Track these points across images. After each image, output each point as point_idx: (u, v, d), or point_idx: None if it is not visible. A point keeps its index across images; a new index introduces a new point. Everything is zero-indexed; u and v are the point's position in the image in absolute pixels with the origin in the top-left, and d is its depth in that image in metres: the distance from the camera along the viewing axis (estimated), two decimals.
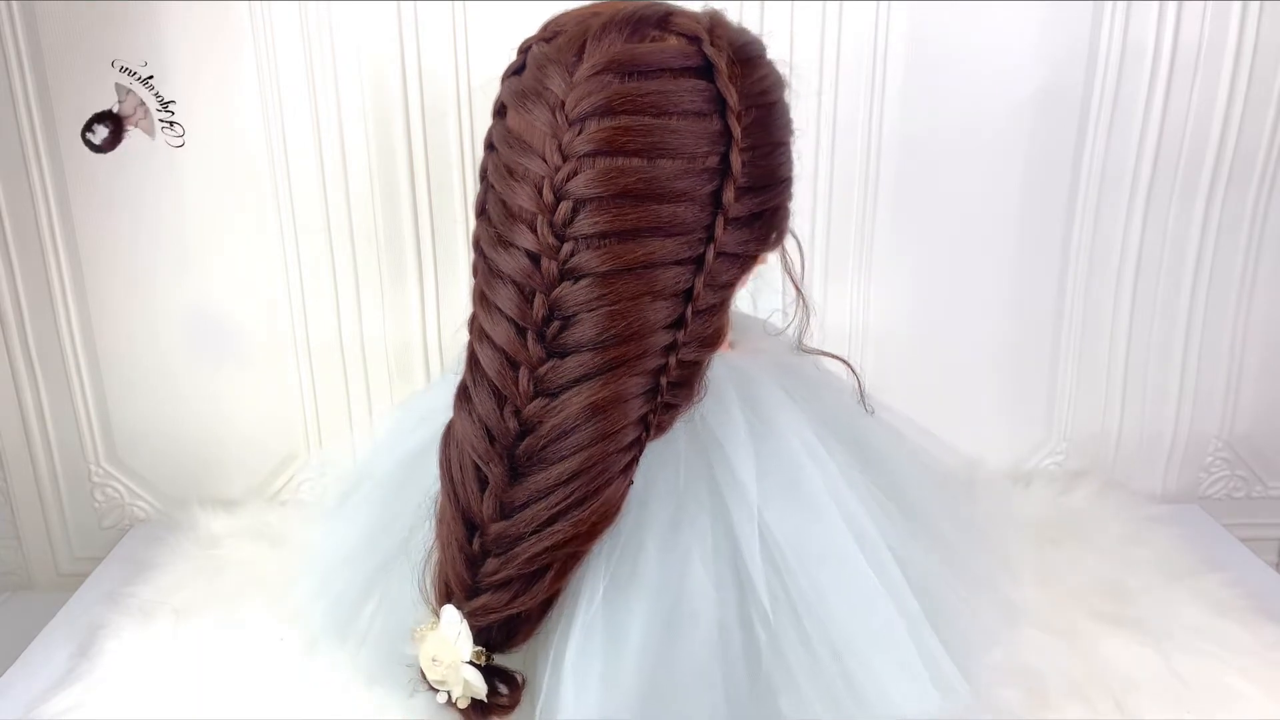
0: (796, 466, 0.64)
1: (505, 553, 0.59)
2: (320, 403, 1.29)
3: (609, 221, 0.58)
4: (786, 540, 0.61)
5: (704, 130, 0.59)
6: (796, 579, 0.60)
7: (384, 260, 1.23)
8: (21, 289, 1.23)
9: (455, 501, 0.62)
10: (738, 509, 0.62)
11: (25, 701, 0.95)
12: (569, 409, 0.59)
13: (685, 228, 0.60)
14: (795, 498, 0.63)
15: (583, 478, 0.59)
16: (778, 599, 0.60)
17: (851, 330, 1.29)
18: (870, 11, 1.15)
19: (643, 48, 0.60)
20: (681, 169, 0.59)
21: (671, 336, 0.61)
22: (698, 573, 0.61)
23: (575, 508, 0.59)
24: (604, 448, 0.59)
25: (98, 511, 1.34)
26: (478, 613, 0.60)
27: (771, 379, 0.69)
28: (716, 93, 0.59)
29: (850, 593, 0.61)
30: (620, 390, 0.59)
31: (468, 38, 1.15)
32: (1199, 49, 1.17)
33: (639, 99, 0.58)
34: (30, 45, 1.13)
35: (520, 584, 0.60)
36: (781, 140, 0.65)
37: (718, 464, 0.64)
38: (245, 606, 1.06)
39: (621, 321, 0.59)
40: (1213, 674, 0.92)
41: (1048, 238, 1.26)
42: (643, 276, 0.59)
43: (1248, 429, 1.35)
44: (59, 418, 1.29)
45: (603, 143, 0.58)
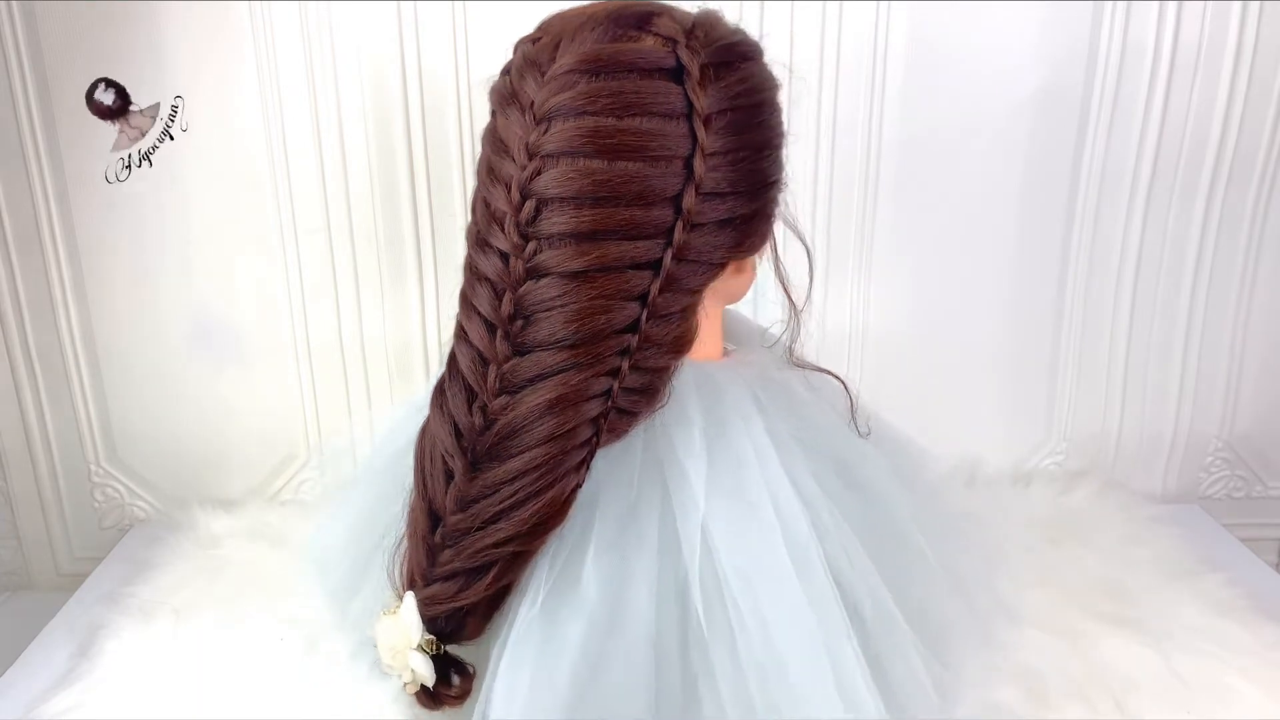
0: (746, 481, 0.62)
1: (455, 545, 0.60)
2: (320, 403, 1.29)
3: (569, 222, 0.58)
4: (725, 549, 0.60)
5: (672, 133, 0.59)
6: (732, 591, 0.59)
7: (384, 260, 1.23)
8: (21, 289, 1.23)
9: (423, 493, 0.63)
10: (684, 519, 0.61)
11: (25, 701, 0.95)
12: (521, 407, 0.59)
13: (646, 231, 0.59)
14: (740, 511, 0.61)
15: (528, 476, 0.59)
16: (713, 610, 0.60)
17: (851, 330, 1.29)
18: (870, 11, 1.15)
19: (612, 47, 0.59)
20: (643, 172, 0.58)
21: (628, 340, 0.60)
22: (639, 581, 0.60)
23: (518, 506, 0.59)
24: (551, 448, 0.59)
25: (98, 511, 1.34)
26: (428, 601, 0.61)
27: (746, 392, 0.67)
28: (682, 95, 0.59)
29: (779, 608, 0.59)
30: (572, 391, 0.59)
31: (468, 38, 1.15)
32: (1199, 49, 1.17)
33: (603, 99, 0.58)
34: (30, 45, 1.13)
35: (466, 577, 0.61)
36: (761, 146, 0.63)
37: (670, 472, 0.63)
38: (245, 606, 1.06)
39: (576, 322, 0.59)
40: (1213, 674, 0.92)
41: (1048, 238, 1.26)
42: (601, 278, 0.59)
43: (1248, 429, 1.35)
44: (59, 418, 1.29)
45: (565, 143, 0.58)
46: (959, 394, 1.32)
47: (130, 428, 1.30)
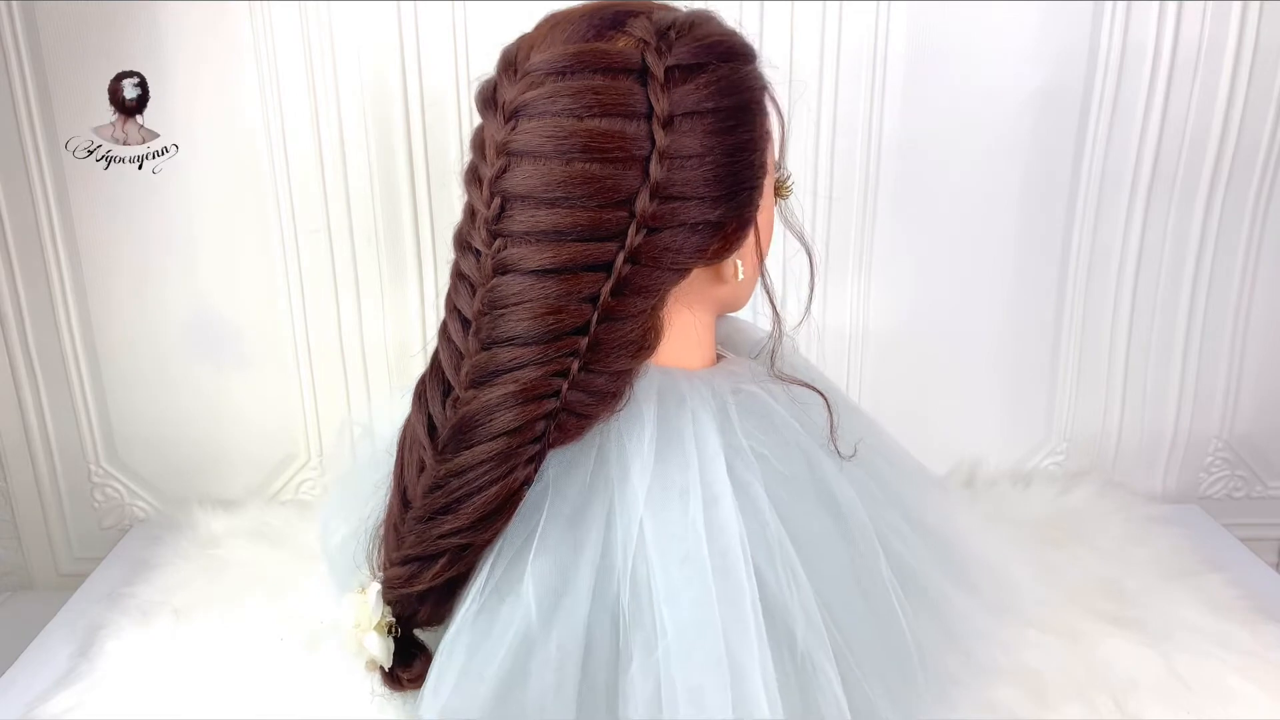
0: (685, 489, 0.62)
1: (412, 532, 0.62)
2: (320, 403, 1.29)
3: (529, 220, 0.59)
4: (655, 559, 0.60)
5: (632, 134, 0.59)
6: (656, 601, 0.59)
7: (384, 260, 1.23)
8: (21, 289, 1.23)
9: (399, 481, 0.65)
10: (624, 527, 0.61)
11: (25, 701, 0.95)
12: (476, 403, 0.60)
13: (602, 233, 0.59)
14: (675, 522, 0.61)
15: (478, 469, 0.60)
16: (640, 618, 0.60)
17: (851, 330, 1.29)
18: (870, 11, 1.15)
19: (579, 47, 0.59)
20: (601, 173, 0.58)
21: (577, 342, 0.60)
22: (578, 585, 0.60)
23: (467, 499, 0.60)
24: (501, 443, 0.60)
25: (98, 511, 1.34)
26: (387, 584, 0.63)
27: (711, 402, 0.66)
28: (644, 97, 0.59)
29: (692, 621, 0.59)
30: (526, 387, 0.60)
31: (468, 38, 1.15)
32: (1199, 49, 1.17)
33: (563, 99, 0.58)
34: (30, 45, 1.13)
35: (419, 564, 0.62)
36: (734, 150, 0.62)
37: (618, 477, 0.63)
38: (245, 606, 1.06)
39: (531, 320, 0.59)
40: (1213, 674, 0.92)
41: (1048, 237, 1.26)
42: (557, 278, 0.59)
43: (1248, 429, 1.35)
44: (59, 418, 1.29)
45: (528, 141, 0.59)
46: (959, 394, 1.32)
47: (130, 428, 1.30)
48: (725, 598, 0.59)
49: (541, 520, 0.62)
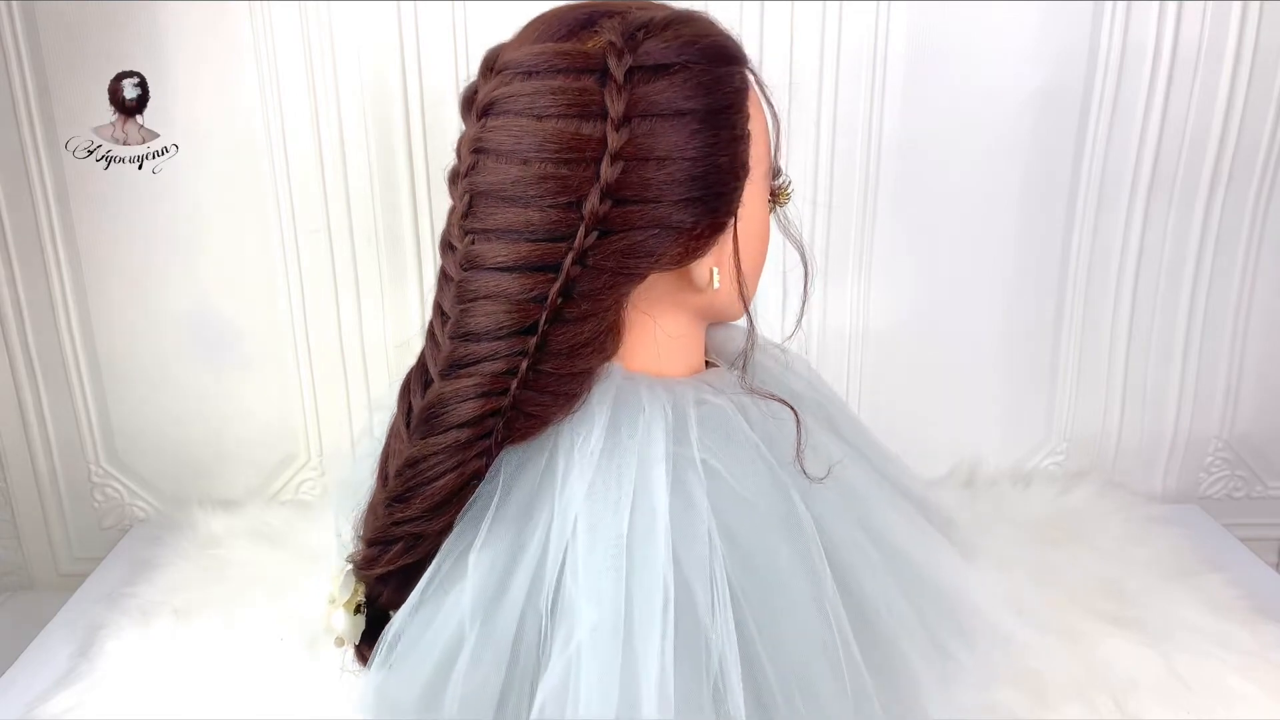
0: (618, 496, 0.61)
1: (376, 517, 0.64)
2: (320, 403, 1.29)
3: (490, 218, 0.60)
4: (584, 571, 0.60)
5: (590, 135, 0.58)
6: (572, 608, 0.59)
7: (384, 260, 1.23)
8: (21, 289, 1.23)
9: (381, 468, 0.66)
10: (558, 533, 0.61)
11: (26, 701, 0.95)
12: (430, 396, 0.62)
13: (555, 233, 0.59)
14: (601, 525, 0.61)
15: (430, 460, 0.62)
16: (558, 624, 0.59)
17: (851, 330, 1.29)
18: (870, 11, 1.15)
19: (541, 48, 0.60)
20: (556, 173, 0.58)
21: (526, 341, 0.61)
22: (514, 585, 0.61)
23: (417, 489, 0.62)
24: (449, 437, 0.61)
25: (98, 511, 1.34)
26: (357, 564, 0.65)
27: (668, 411, 0.65)
28: (602, 98, 0.58)
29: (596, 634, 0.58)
30: (480, 382, 0.61)
31: (468, 38, 1.15)
32: (1199, 49, 1.17)
33: (523, 99, 0.59)
34: (30, 45, 1.13)
35: (378, 549, 0.64)
36: (699, 154, 0.60)
37: (561, 480, 0.63)
38: (245, 606, 1.06)
39: (486, 316, 0.60)
40: (1213, 674, 0.92)
41: (1048, 237, 1.26)
42: (513, 276, 0.60)
43: (1248, 429, 1.35)
44: (59, 418, 1.29)
45: (490, 140, 0.60)
46: (959, 394, 1.32)
47: (130, 428, 1.30)
48: (637, 603, 0.59)
49: (489, 517, 0.63)
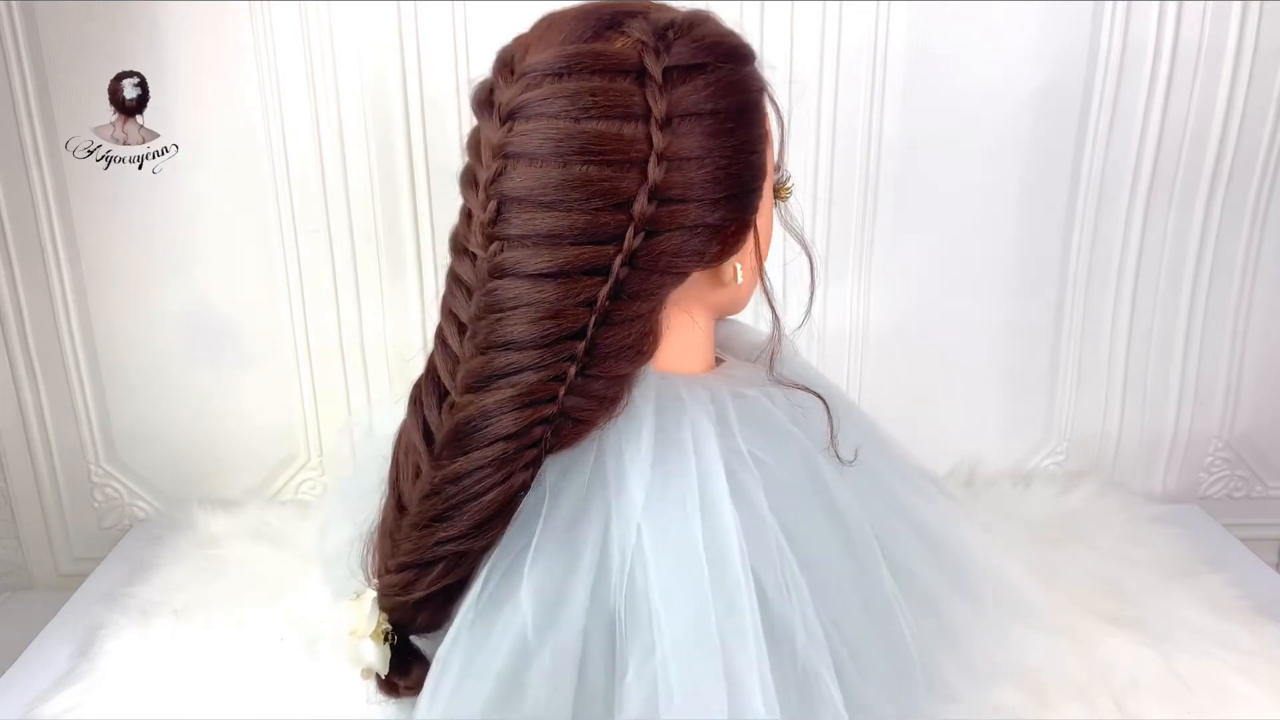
0: (683, 498, 0.61)
1: (408, 539, 0.61)
2: (320, 403, 1.29)
3: (526, 224, 0.59)
4: (652, 569, 0.59)
5: (631, 136, 0.58)
6: (653, 612, 0.59)
7: (384, 260, 1.23)
8: (21, 289, 1.23)
9: (394, 486, 0.64)
10: (621, 536, 0.61)
11: (25, 701, 0.95)
12: (472, 408, 0.60)
13: (600, 236, 0.59)
14: (672, 532, 0.60)
15: (474, 475, 0.59)
16: (637, 630, 0.59)
17: (851, 331, 1.29)
18: (870, 11, 1.15)
19: (575, 48, 0.59)
20: (599, 175, 0.58)
21: (575, 346, 0.60)
22: (574, 596, 0.60)
23: (463, 505, 0.60)
24: (497, 449, 0.59)
25: (98, 511, 1.34)
26: (383, 591, 0.63)
27: (709, 407, 0.65)
28: (642, 99, 0.58)
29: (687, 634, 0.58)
30: (524, 392, 0.59)
31: (468, 38, 1.15)
32: (1199, 49, 1.17)
33: (560, 101, 0.58)
34: (30, 45, 1.13)
35: (415, 571, 0.61)
36: (733, 152, 0.62)
37: (614, 484, 0.62)
38: (245, 606, 1.06)
39: (529, 324, 0.59)
40: (1213, 674, 0.92)
41: (1048, 237, 1.26)
42: (555, 281, 0.59)
43: (1248, 429, 1.35)
44: (59, 418, 1.29)
45: (524, 144, 0.58)
46: (959, 394, 1.32)
47: (130, 428, 1.30)
48: (722, 605, 0.59)
49: (539, 528, 0.61)
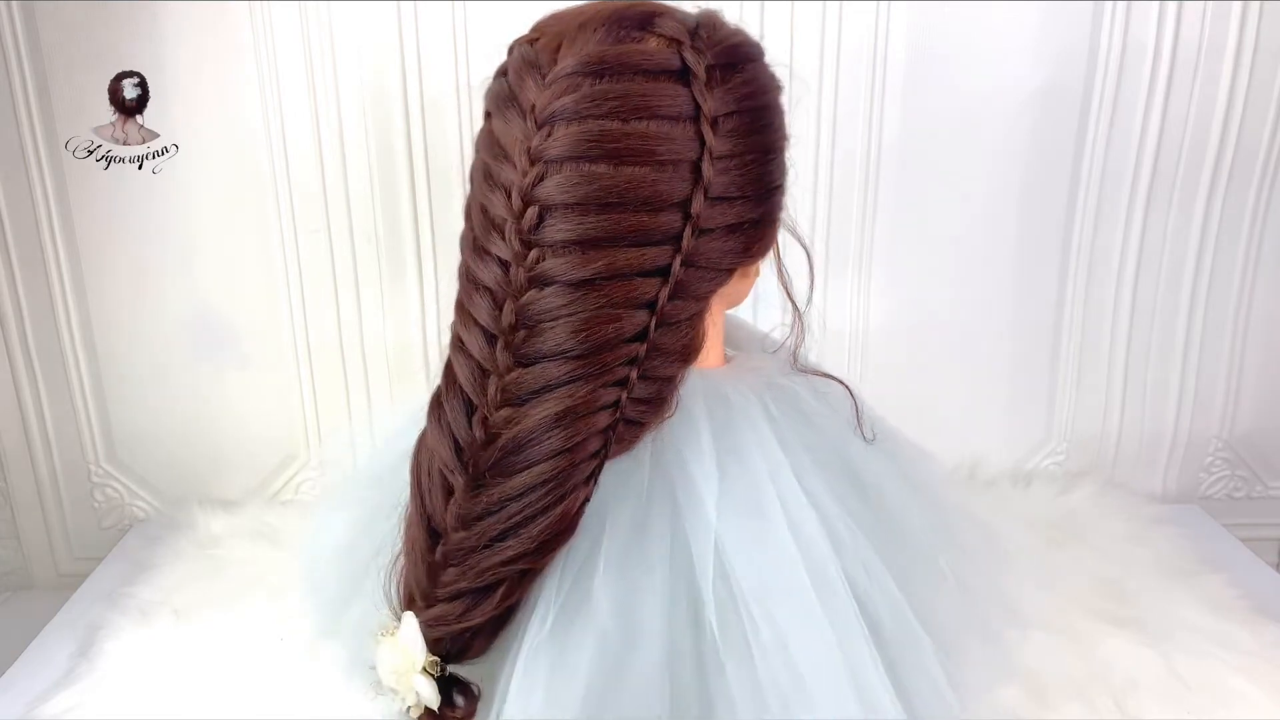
0: (759, 493, 0.61)
1: (461, 564, 0.59)
2: (320, 403, 1.29)
3: (574, 229, 0.57)
4: (741, 567, 0.59)
5: (678, 136, 0.58)
6: (748, 610, 0.58)
7: (384, 260, 1.23)
8: (21, 289, 1.23)
9: (421, 508, 0.61)
10: (695, 532, 0.60)
11: (26, 701, 0.95)
12: (528, 420, 0.58)
13: (654, 237, 0.58)
14: (755, 528, 0.60)
15: (537, 491, 0.58)
16: (728, 629, 0.59)
17: (851, 330, 1.29)
18: (870, 11, 1.15)
19: (616, 49, 0.58)
20: (651, 176, 0.57)
21: (636, 349, 0.59)
22: (651, 600, 0.59)
23: (527, 522, 0.58)
24: (559, 462, 0.58)
25: (98, 511, 1.34)
26: (433, 623, 0.59)
27: (754, 401, 0.66)
28: (689, 97, 0.58)
29: (797, 626, 0.58)
30: (580, 403, 0.58)
31: (468, 38, 1.15)
32: (1199, 49, 1.17)
33: (608, 102, 0.57)
34: (30, 45, 1.13)
35: (473, 597, 0.59)
36: (767, 149, 0.62)
37: (680, 485, 0.62)
38: (245, 606, 1.06)
39: (584, 332, 0.57)
40: (1213, 674, 0.92)
41: (1048, 238, 1.26)
42: (608, 286, 0.57)
43: (1248, 429, 1.35)
44: (59, 418, 1.29)
45: (569, 147, 0.56)
46: (959, 394, 1.32)
47: (130, 428, 1.30)
48: (825, 592, 0.59)
49: (604, 535, 0.60)
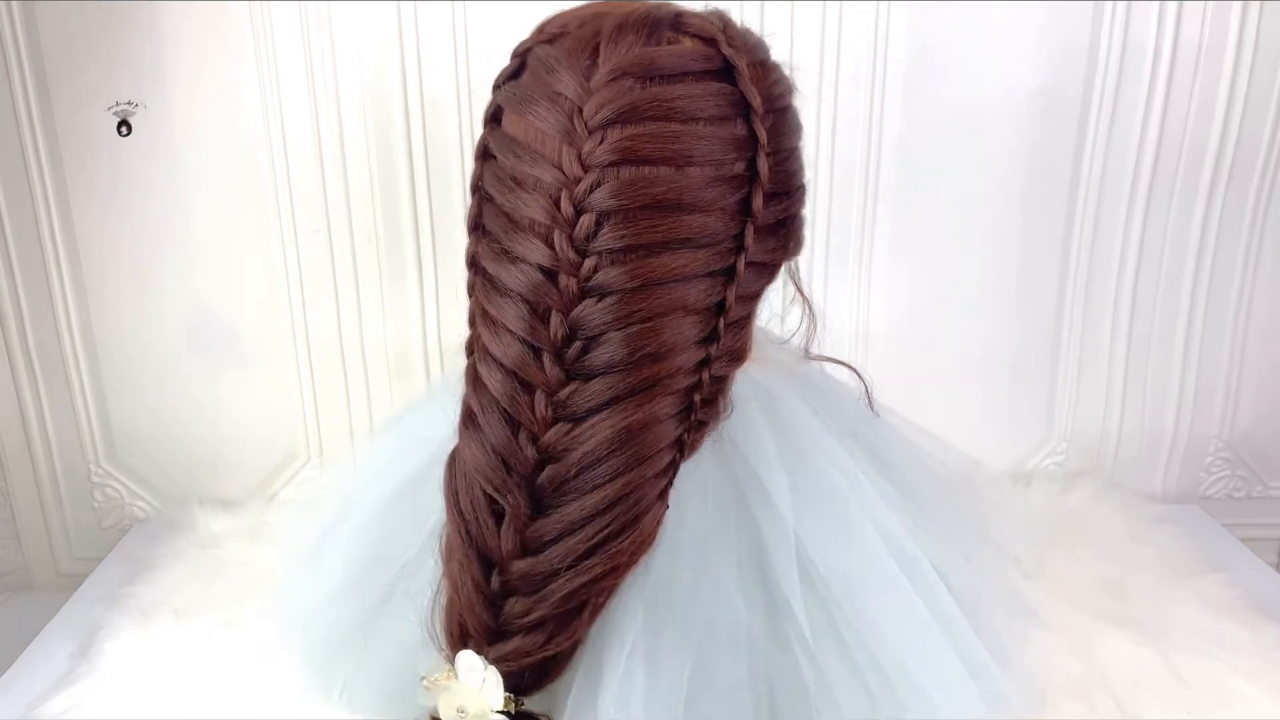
0: (828, 484, 0.62)
1: (537, 591, 0.55)
2: (320, 403, 1.29)
3: (636, 235, 0.55)
4: (823, 561, 0.59)
5: (728, 135, 0.57)
6: (836, 600, 0.59)
7: (384, 260, 1.23)
8: (21, 289, 1.23)
9: (468, 538, 0.58)
10: (770, 530, 0.60)
11: (25, 701, 0.95)
12: (600, 434, 0.55)
13: (715, 238, 0.57)
14: (829, 515, 0.61)
15: (620, 506, 0.55)
16: (816, 621, 0.59)
17: (852, 331, 1.29)
18: (870, 11, 1.15)
19: (662, 50, 0.57)
20: (710, 176, 0.56)
21: (704, 352, 0.58)
22: (734, 600, 0.59)
23: (613, 538, 0.55)
24: (640, 473, 0.56)
25: (98, 511, 1.34)
26: (511, 657, 0.56)
27: (791, 391, 0.67)
28: (739, 96, 0.57)
29: (892, 612, 0.59)
30: (654, 412, 0.56)
31: (468, 38, 1.15)
32: (1199, 49, 1.17)
33: (664, 104, 0.55)
34: (30, 45, 1.13)
35: (556, 623, 0.56)
36: (795, 145, 0.63)
37: (746, 483, 0.62)
38: (245, 607, 1.06)
39: (653, 339, 0.56)
40: (1213, 674, 0.92)
41: (1048, 237, 1.26)
42: (673, 291, 0.56)
43: (1248, 429, 1.35)
44: (59, 418, 1.29)
45: (627, 151, 0.55)
46: (959, 393, 1.32)
47: (130, 428, 1.30)
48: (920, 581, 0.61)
49: (678, 538, 0.59)
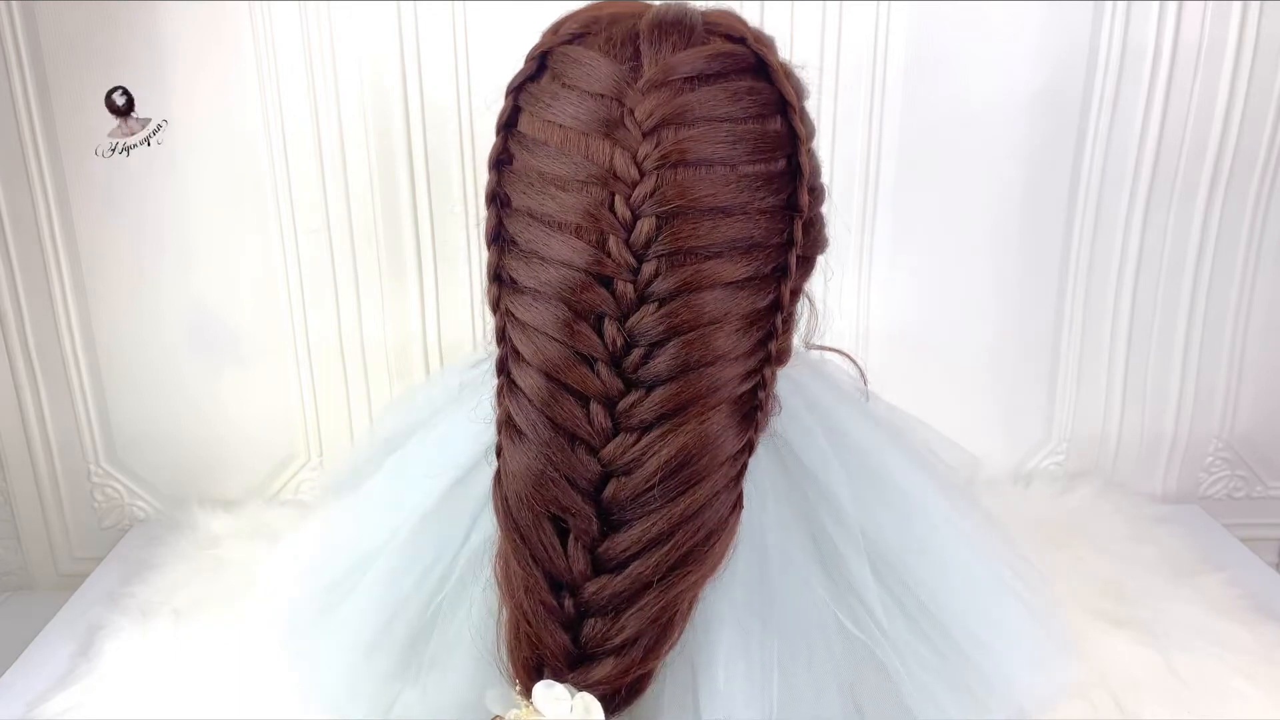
0: (879, 468, 0.64)
1: (622, 609, 0.54)
2: (320, 403, 1.29)
3: (697, 238, 0.54)
4: (889, 548, 0.61)
5: (771, 133, 0.57)
6: (906, 585, 0.60)
7: (384, 260, 1.23)
8: (21, 289, 1.23)
9: (531, 561, 0.55)
10: (833, 523, 0.60)
11: (25, 701, 0.95)
12: (674, 444, 0.54)
13: (772, 237, 0.57)
14: (885, 501, 0.62)
15: (705, 513, 0.54)
16: (889, 607, 0.60)
17: (852, 331, 1.29)
18: (870, 11, 1.15)
19: (705, 50, 0.57)
20: (763, 175, 0.56)
21: (765, 351, 0.58)
22: (816, 591, 0.59)
23: (700, 545, 0.55)
24: (718, 479, 0.55)
25: (98, 511, 1.34)
26: (606, 681, 0.54)
27: (817, 382, 0.68)
28: (775, 94, 0.57)
29: (961, 586, 0.61)
30: (723, 416, 0.56)
31: (468, 39, 1.15)
32: (1199, 49, 1.17)
33: (714, 105, 0.55)
34: (30, 45, 1.13)
35: (651, 638, 0.54)
36: (810, 140, 0.63)
37: (801, 477, 0.62)
38: (245, 606, 1.06)
39: (714, 343, 0.55)
40: (1213, 674, 0.92)
41: (1048, 238, 1.26)
42: (732, 294, 0.56)
43: (1248, 429, 1.35)
44: (59, 418, 1.29)
45: (685, 153, 0.54)
46: (959, 394, 1.32)
47: (130, 428, 1.30)
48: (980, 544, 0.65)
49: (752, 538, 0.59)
